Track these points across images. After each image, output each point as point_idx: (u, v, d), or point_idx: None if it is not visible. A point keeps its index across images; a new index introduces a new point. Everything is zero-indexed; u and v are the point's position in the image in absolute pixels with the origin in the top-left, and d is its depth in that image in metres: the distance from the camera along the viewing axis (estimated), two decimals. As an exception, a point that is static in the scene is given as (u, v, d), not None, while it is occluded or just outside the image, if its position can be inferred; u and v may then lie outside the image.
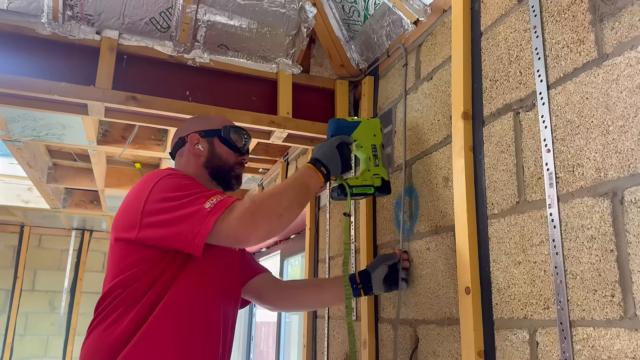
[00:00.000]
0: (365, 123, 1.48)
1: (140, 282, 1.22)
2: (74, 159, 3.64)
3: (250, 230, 1.17)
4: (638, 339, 0.83)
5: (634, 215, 0.86)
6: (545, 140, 1.06)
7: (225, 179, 1.48)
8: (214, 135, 1.48)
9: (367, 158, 1.45)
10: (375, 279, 1.46)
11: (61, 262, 5.62)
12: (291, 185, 1.28)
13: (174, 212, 1.19)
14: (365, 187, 1.42)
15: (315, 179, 1.32)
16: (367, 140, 1.46)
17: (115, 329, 1.19)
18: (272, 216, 1.19)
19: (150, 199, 1.22)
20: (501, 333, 1.13)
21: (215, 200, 1.18)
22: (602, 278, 0.90)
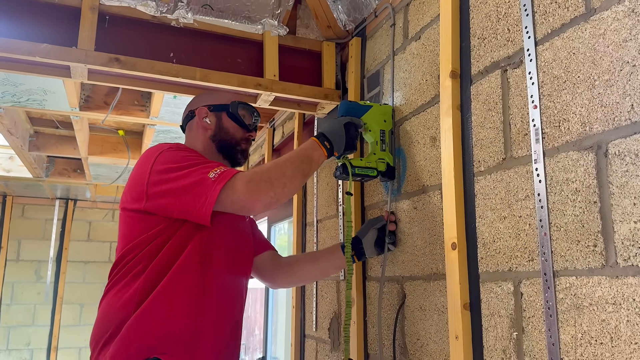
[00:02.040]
0: (376, 108, 1.51)
1: (151, 247, 1.26)
2: (56, 126, 3.58)
3: (256, 197, 1.21)
4: (618, 286, 0.86)
5: (617, 167, 0.88)
6: (532, 97, 1.07)
7: (231, 153, 1.51)
8: (222, 109, 1.51)
9: (374, 142, 1.49)
10: (366, 243, 1.50)
11: (46, 232, 5.59)
12: (295, 156, 1.31)
13: (178, 181, 1.23)
14: (368, 169, 1.45)
15: (318, 152, 1.34)
16: (376, 124, 1.50)
17: (127, 292, 1.23)
18: (276, 185, 1.22)
19: (154, 169, 1.27)
20: (486, 285, 1.16)
21: (219, 170, 1.22)
22: (585, 229, 0.93)
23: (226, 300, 1.35)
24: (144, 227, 1.27)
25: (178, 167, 1.25)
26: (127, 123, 3.59)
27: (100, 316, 1.26)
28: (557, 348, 0.96)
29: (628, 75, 0.87)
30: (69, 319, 5.50)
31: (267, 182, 1.22)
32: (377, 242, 1.51)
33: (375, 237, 1.51)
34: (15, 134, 3.25)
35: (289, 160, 1.29)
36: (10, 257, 5.43)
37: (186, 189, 1.22)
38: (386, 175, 1.48)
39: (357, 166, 1.44)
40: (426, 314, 1.37)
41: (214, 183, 1.19)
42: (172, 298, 1.22)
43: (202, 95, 1.59)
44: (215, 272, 1.30)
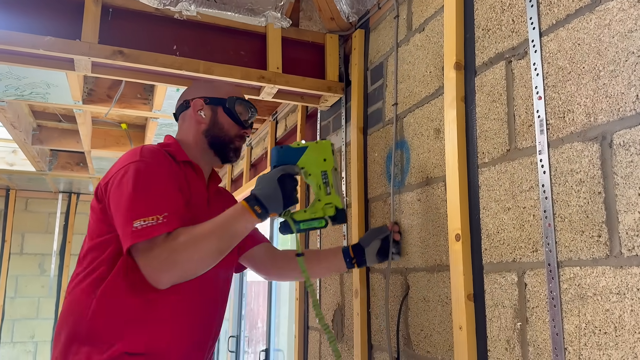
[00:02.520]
0: (313, 148, 1.33)
1: (110, 251, 1.23)
2: (59, 120, 3.59)
3: (156, 276, 1.16)
4: (623, 276, 0.86)
5: (622, 158, 0.88)
6: (536, 88, 1.07)
7: (223, 151, 1.45)
8: (218, 103, 1.44)
9: (317, 186, 1.32)
10: (369, 252, 1.49)
11: (49, 225, 5.61)
12: (219, 233, 1.20)
13: (114, 206, 1.21)
14: (315, 221, 1.30)
15: (245, 220, 1.21)
16: (316, 166, 1.32)
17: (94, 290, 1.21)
18: (182, 269, 1.17)
19: (114, 179, 1.24)
20: (490, 276, 1.17)
21: (148, 223, 1.15)
22: (589, 219, 0.94)
23: (204, 296, 1.32)
24: (107, 226, 1.24)
25: (128, 189, 1.20)
26: (129, 116, 3.59)
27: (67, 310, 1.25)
28: (561, 338, 0.97)
29: (633, 66, 0.87)
30: (72, 312, 5.53)
31: (175, 264, 1.15)
32: (380, 252, 1.50)
33: (379, 246, 1.49)
34: (19, 127, 3.26)
35: (209, 237, 1.18)
36: (14, 250, 5.45)
37: (115, 217, 1.20)
38: (337, 220, 1.31)
39: (302, 220, 1.29)
40: (430, 305, 1.38)
41: (130, 236, 1.14)
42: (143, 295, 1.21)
43: (199, 84, 1.51)
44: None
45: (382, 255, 1.50)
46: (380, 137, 1.72)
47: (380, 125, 1.72)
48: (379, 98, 1.75)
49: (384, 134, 1.69)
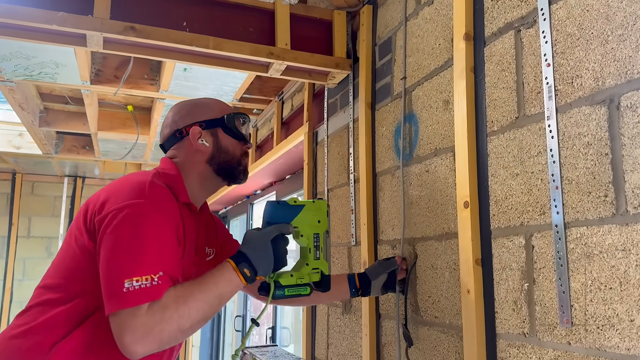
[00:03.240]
0: (309, 207, 1.27)
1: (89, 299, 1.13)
2: (66, 102, 3.61)
3: (137, 347, 1.01)
4: (628, 232, 0.90)
5: (629, 119, 0.91)
6: (545, 55, 1.10)
7: (232, 175, 1.35)
8: (217, 125, 1.32)
9: (307, 249, 1.26)
10: (375, 285, 1.48)
11: (55, 209, 5.66)
12: (204, 299, 1.09)
13: (105, 257, 1.07)
14: (301, 288, 1.23)
15: (233, 284, 1.12)
16: (309, 228, 1.26)
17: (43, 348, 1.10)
18: (165, 339, 1.04)
19: (110, 219, 1.09)
20: (498, 241, 1.20)
21: (140, 285, 1.03)
22: (596, 180, 0.97)
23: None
24: (87, 269, 1.13)
25: (123, 239, 1.07)
26: (135, 99, 3.61)
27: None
28: (567, 295, 1.00)
29: (641, 29, 0.90)
30: (79, 294, 5.60)
31: (158, 335, 1.02)
32: (385, 285, 1.49)
33: (385, 280, 1.48)
34: (27, 109, 3.28)
35: (195, 305, 1.07)
36: (21, 233, 5.51)
37: (103, 270, 1.07)
38: (320, 286, 1.26)
39: (288, 285, 1.22)
40: (438, 272, 1.41)
41: (121, 298, 1.02)
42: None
43: (185, 109, 1.36)
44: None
45: (387, 288, 1.50)
46: (388, 111, 1.74)
47: (389, 100, 1.74)
48: (387, 73, 1.77)
49: (392, 109, 1.72)
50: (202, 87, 2.86)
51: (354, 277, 1.49)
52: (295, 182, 3.30)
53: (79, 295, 1.13)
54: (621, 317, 0.90)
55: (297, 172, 3.25)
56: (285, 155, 2.90)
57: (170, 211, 1.16)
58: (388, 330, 1.65)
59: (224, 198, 4.54)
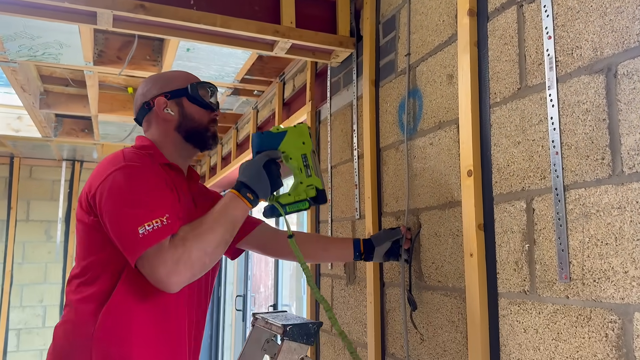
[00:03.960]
0: (292, 132, 1.36)
1: (115, 262, 1.22)
2: (66, 84, 3.64)
3: (171, 279, 1.12)
4: (623, 191, 0.96)
5: (625, 86, 0.97)
6: (546, 28, 1.16)
7: (201, 140, 1.42)
8: (181, 95, 1.39)
9: (298, 169, 1.35)
10: (378, 252, 1.55)
11: (54, 193, 5.69)
12: (220, 223, 1.20)
13: (113, 219, 1.16)
14: (299, 203, 1.34)
15: (240, 208, 1.23)
16: (296, 150, 1.35)
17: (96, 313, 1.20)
18: (194, 266, 1.14)
19: (100, 190, 1.19)
20: (500, 206, 1.27)
21: (152, 227, 1.12)
22: (594, 144, 1.03)
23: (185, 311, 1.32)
24: (98, 241, 1.23)
25: (121, 198, 1.16)
26: (136, 81, 3.64)
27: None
28: (566, 253, 1.07)
29: (638, 0, 0.96)
30: (79, 276, 5.66)
31: (187, 262, 1.13)
32: (388, 252, 1.55)
33: (388, 248, 1.55)
34: (28, 90, 3.31)
35: (212, 230, 1.18)
36: (20, 217, 5.54)
37: (116, 230, 1.16)
38: (317, 200, 1.36)
39: (288, 203, 1.33)
40: (441, 239, 1.48)
41: (140, 242, 1.11)
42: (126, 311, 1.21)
43: (151, 82, 1.43)
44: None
45: (389, 256, 1.56)
46: (392, 88, 1.80)
47: (393, 77, 1.80)
48: (391, 50, 1.82)
49: (396, 85, 1.77)
50: (204, 68, 2.90)
51: (359, 242, 1.57)
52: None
53: (102, 269, 1.22)
54: (616, 270, 0.97)
55: (298, 153, 3.30)
56: (286, 135, 2.95)
57: (151, 166, 1.26)
58: (392, 297, 1.73)
59: (223, 181, 4.59)
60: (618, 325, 0.96)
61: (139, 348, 1.21)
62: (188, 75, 1.45)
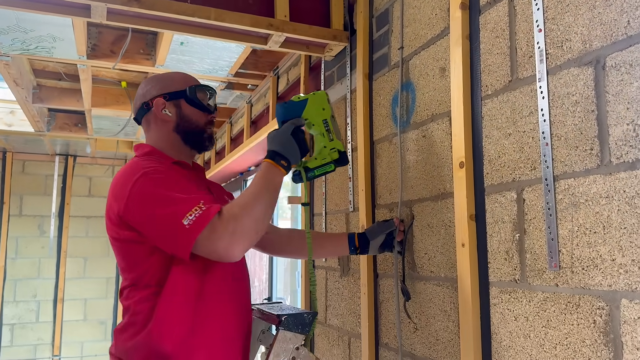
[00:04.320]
0: (312, 99, 1.44)
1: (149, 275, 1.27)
2: (59, 78, 3.62)
3: (232, 249, 1.17)
4: (611, 181, 0.99)
5: (613, 78, 0.99)
6: (537, 22, 1.17)
7: (198, 142, 1.45)
8: (179, 97, 1.42)
9: (320, 134, 1.44)
10: (373, 245, 1.57)
11: (47, 188, 5.67)
12: (262, 191, 1.25)
13: (154, 223, 1.20)
14: (326, 166, 1.43)
15: (278, 175, 1.30)
16: (317, 116, 1.43)
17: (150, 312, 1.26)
18: (249, 232, 1.19)
19: (131, 199, 1.22)
20: (491, 197, 1.29)
21: (195, 215, 1.16)
22: (583, 135, 1.05)
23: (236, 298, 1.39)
24: (138, 255, 1.28)
25: (154, 202, 1.20)
26: (129, 75, 3.64)
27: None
28: (556, 242, 1.09)
29: (626, -6, 0.97)
30: (73, 271, 5.65)
31: (242, 230, 1.18)
32: (383, 245, 1.57)
33: (383, 240, 1.57)
34: (21, 84, 3.29)
35: (257, 198, 1.23)
36: (12, 212, 5.52)
37: (161, 232, 1.20)
38: (340, 162, 1.44)
39: (315, 167, 1.42)
40: (434, 230, 1.50)
41: (189, 232, 1.15)
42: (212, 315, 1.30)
43: (151, 83, 1.47)
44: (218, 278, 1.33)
45: (383, 248, 1.58)
46: (385, 81, 1.81)
47: (386, 70, 1.81)
48: (384, 44, 1.83)
49: (390, 78, 1.79)
50: (197, 62, 2.90)
51: (354, 236, 1.59)
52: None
53: (151, 275, 1.28)
54: (604, 258, 0.99)
55: (292, 147, 3.31)
56: (280, 129, 2.96)
57: (167, 167, 1.33)
58: (385, 288, 1.75)
59: (218, 175, 4.60)
60: (606, 312, 0.98)
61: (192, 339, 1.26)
62: (187, 78, 1.48)
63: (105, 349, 5.68)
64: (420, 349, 1.53)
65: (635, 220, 0.94)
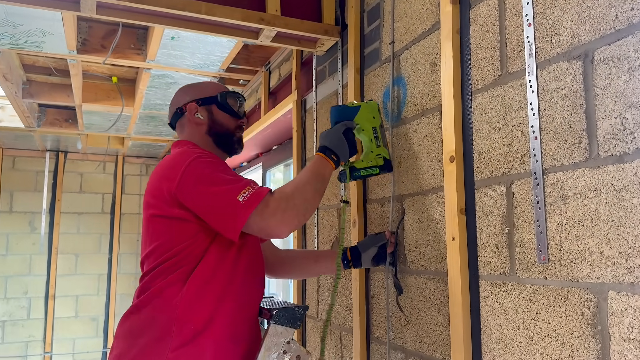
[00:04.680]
0: (364, 106, 1.56)
1: (190, 251, 1.33)
2: (49, 73, 3.60)
3: (283, 226, 1.28)
4: (599, 174, 0.99)
5: (601, 72, 1.00)
6: (527, 16, 1.18)
7: (228, 144, 1.54)
8: (211, 102, 1.53)
9: (369, 140, 1.55)
10: (365, 258, 1.58)
11: (38, 184, 5.63)
12: (312, 177, 1.38)
13: (208, 198, 1.28)
14: (371, 168, 1.53)
15: (328, 168, 1.42)
16: (367, 123, 1.55)
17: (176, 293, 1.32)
18: (300, 212, 1.31)
19: (185, 179, 1.30)
20: (481, 191, 1.30)
21: (248, 193, 1.26)
22: (572, 129, 1.06)
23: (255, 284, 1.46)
24: (179, 234, 1.34)
25: (209, 181, 1.30)
26: (120, 70, 3.62)
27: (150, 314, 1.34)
28: (545, 235, 1.10)
29: (614, -12, 0.98)
30: (65, 268, 5.62)
31: (293, 209, 1.29)
32: (375, 258, 1.58)
33: (375, 253, 1.58)
34: (10, 79, 3.27)
35: (307, 182, 1.36)
36: (3, 208, 5.48)
37: (215, 208, 1.28)
38: (385, 169, 1.55)
39: (361, 168, 1.52)
40: (424, 225, 1.51)
41: (244, 208, 1.24)
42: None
43: (185, 90, 1.59)
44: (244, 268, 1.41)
45: (377, 261, 1.59)
46: (377, 76, 1.82)
47: (377, 65, 1.81)
48: (375, 38, 1.83)
49: (381, 73, 1.79)
50: (189, 57, 2.89)
51: (346, 250, 1.60)
52: (281, 153, 3.36)
53: (187, 254, 1.33)
54: (592, 250, 1.00)
55: (284, 143, 3.31)
56: (273, 124, 2.96)
57: (213, 156, 1.42)
58: (377, 282, 1.76)
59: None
60: (593, 304, 0.99)
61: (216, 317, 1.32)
62: (219, 86, 1.59)
63: (97, 345, 5.67)
64: (411, 343, 1.54)
65: (622, 213, 0.94)
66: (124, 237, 5.86)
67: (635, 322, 0.91)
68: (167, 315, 1.30)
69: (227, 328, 1.34)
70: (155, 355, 1.28)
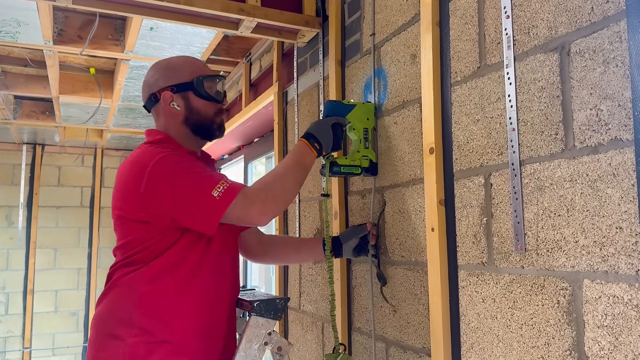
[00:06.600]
0: (360, 107, 1.57)
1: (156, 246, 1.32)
2: (25, 64, 3.52)
3: (263, 215, 1.29)
4: (575, 165, 1.01)
5: (577, 64, 1.01)
6: (505, 8, 1.19)
7: (207, 132, 1.47)
8: (187, 89, 1.42)
9: (358, 140, 1.56)
10: (346, 248, 1.59)
11: (14, 177, 5.52)
12: (292, 167, 1.38)
13: (179, 198, 1.25)
14: (353, 167, 1.54)
15: (310, 155, 1.43)
16: (360, 123, 1.57)
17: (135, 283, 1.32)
18: (279, 202, 1.32)
19: (151, 180, 1.26)
20: (460, 182, 1.31)
21: (223, 187, 1.25)
22: (548, 121, 1.07)
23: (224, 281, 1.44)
24: (146, 233, 1.32)
25: (179, 180, 1.26)
26: (97, 61, 3.56)
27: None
28: (522, 225, 1.12)
29: (590, -19, 0.99)
30: (43, 262, 5.53)
31: (273, 199, 1.30)
32: (356, 248, 1.59)
33: (356, 244, 1.59)
34: (-16, 70, 3.19)
35: (287, 172, 1.37)
36: (-21, 203, 5.37)
37: (188, 206, 1.25)
38: (369, 171, 1.57)
39: (343, 165, 1.53)
40: (404, 216, 1.52)
41: (219, 203, 1.23)
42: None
43: (158, 71, 1.47)
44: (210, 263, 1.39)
45: (358, 252, 1.60)
46: (358, 67, 1.82)
47: (358, 57, 1.81)
48: (356, 30, 1.83)
49: (362, 65, 1.79)
50: (168, 48, 2.85)
51: (329, 241, 1.59)
52: (263, 145, 3.35)
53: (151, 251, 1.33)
54: (568, 240, 1.02)
55: (266, 135, 3.30)
56: (254, 117, 2.95)
57: (183, 152, 1.39)
58: (358, 273, 1.77)
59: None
60: (569, 292, 1.01)
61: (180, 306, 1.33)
62: (194, 65, 1.47)
63: (77, 340, 5.61)
64: (391, 332, 1.56)
65: (597, 203, 0.96)
66: (103, 231, 5.79)
67: (608, 309, 0.93)
68: (128, 300, 1.30)
69: (191, 321, 1.33)
70: (115, 343, 1.29)
